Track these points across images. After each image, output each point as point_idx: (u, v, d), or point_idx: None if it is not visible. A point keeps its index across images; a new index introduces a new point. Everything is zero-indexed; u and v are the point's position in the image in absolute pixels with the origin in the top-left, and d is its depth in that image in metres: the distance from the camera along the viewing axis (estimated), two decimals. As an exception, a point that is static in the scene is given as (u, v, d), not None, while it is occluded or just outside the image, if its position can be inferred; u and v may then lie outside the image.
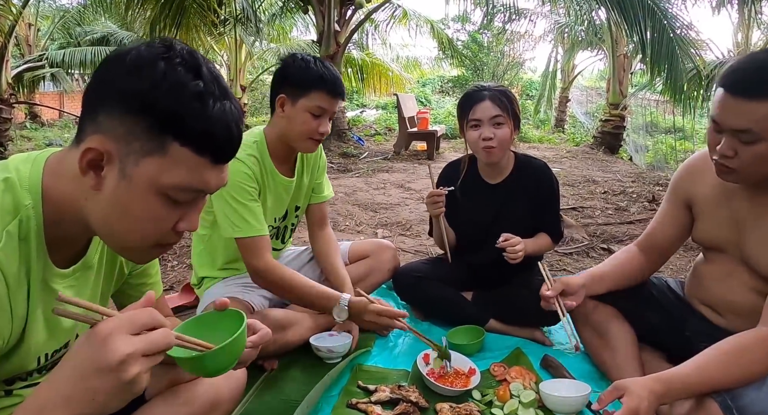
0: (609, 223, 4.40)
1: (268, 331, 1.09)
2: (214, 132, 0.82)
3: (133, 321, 0.71)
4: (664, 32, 6.47)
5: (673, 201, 1.77)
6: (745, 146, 1.32)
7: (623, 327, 1.85)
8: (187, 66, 0.81)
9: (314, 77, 1.85)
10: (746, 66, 1.32)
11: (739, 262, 1.57)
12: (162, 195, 0.83)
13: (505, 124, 2.11)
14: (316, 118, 1.88)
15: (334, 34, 8.14)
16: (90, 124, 0.82)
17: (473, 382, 1.80)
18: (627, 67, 10.69)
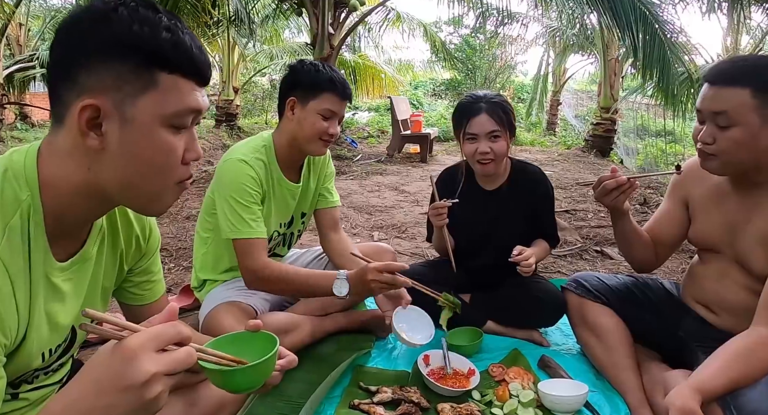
0: (601, 225, 4.45)
1: (295, 358, 1.10)
2: (193, 56, 0.87)
3: (160, 338, 0.69)
4: (656, 36, 6.54)
5: (672, 200, 1.82)
6: (722, 132, 1.43)
7: (619, 327, 1.89)
8: (145, 6, 0.85)
9: (324, 80, 1.90)
10: (725, 61, 1.49)
11: (733, 262, 1.61)
12: (167, 126, 0.87)
13: (502, 137, 2.12)
14: (326, 120, 1.92)
15: (327, 36, 8.16)
16: (71, 92, 0.83)
17: (473, 382, 1.83)
18: (618, 71, 10.77)
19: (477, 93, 2.22)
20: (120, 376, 0.66)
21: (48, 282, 0.93)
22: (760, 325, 1.37)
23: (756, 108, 1.38)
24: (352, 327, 2.23)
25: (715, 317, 1.70)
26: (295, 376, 1.90)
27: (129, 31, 0.82)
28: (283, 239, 2.18)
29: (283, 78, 2.02)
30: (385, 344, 2.20)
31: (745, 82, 1.38)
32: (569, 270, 3.33)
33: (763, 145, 1.41)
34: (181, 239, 3.80)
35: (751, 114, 1.38)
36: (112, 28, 0.82)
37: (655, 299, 1.90)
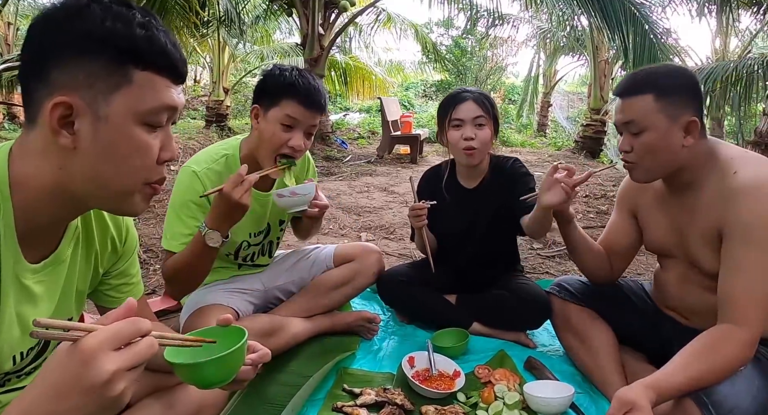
0: (590, 226, 4.45)
1: (268, 351, 1.09)
2: (168, 52, 0.86)
3: (117, 336, 0.66)
4: (646, 37, 6.58)
5: (620, 212, 1.86)
6: (635, 139, 1.51)
7: (603, 329, 1.89)
8: (118, 2, 0.84)
9: (285, 85, 1.74)
10: (630, 74, 1.58)
11: (688, 264, 1.63)
12: (141, 124, 0.85)
13: (487, 125, 2.13)
14: (288, 131, 1.75)
15: (318, 37, 8.14)
16: (42, 91, 0.82)
17: (458, 384, 1.81)
18: (608, 72, 10.83)
19: (464, 87, 2.26)
20: (79, 378, 0.64)
21: (19, 284, 0.90)
22: (723, 322, 1.39)
23: (660, 110, 1.46)
24: (336, 329, 2.21)
25: (686, 320, 1.72)
26: (278, 378, 1.88)
27: (101, 27, 0.81)
28: (261, 248, 2.12)
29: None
30: (371, 346, 2.18)
31: (647, 89, 1.47)
32: (558, 271, 3.32)
33: (676, 144, 1.47)
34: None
35: (656, 116, 1.46)
36: (84, 24, 0.81)
37: (637, 301, 1.90)
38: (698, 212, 1.53)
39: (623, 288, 1.94)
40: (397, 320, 2.42)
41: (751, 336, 1.35)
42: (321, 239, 3.94)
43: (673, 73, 1.51)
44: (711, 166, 1.50)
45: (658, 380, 1.32)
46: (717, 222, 1.46)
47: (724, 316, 1.40)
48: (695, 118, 1.45)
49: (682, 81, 1.49)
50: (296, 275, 2.25)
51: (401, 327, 2.36)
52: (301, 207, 1.80)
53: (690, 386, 1.33)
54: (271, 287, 2.20)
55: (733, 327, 1.36)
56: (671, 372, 1.34)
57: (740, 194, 1.39)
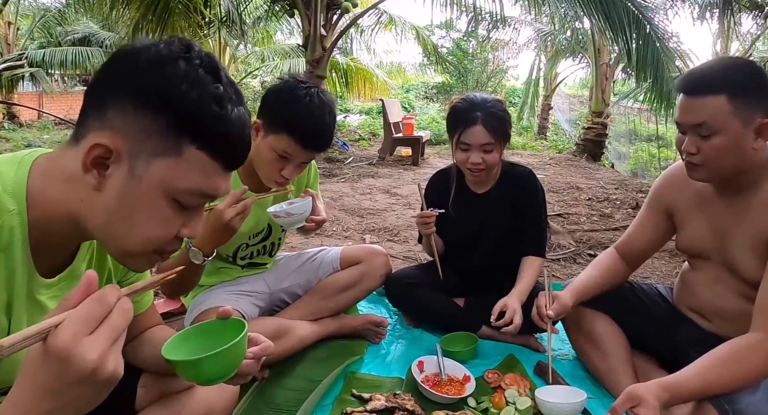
0: (594, 229, 4.43)
1: (270, 344, 1.06)
2: (231, 137, 0.81)
3: (88, 320, 0.62)
4: (649, 39, 6.57)
5: (654, 209, 1.80)
6: (704, 141, 1.41)
7: (615, 333, 1.87)
8: (207, 68, 0.79)
9: (286, 119, 1.66)
10: (697, 69, 1.47)
11: (724, 268, 1.59)
12: (171, 199, 0.81)
13: (495, 149, 2.07)
14: (281, 160, 1.71)
15: (319, 38, 8.10)
16: (96, 120, 0.78)
17: (468, 389, 1.79)
18: (609, 75, 10.82)
19: (474, 98, 2.12)
20: (66, 374, 0.61)
21: (31, 299, 0.88)
22: (756, 330, 1.37)
23: (734, 112, 1.36)
24: (343, 332, 2.19)
25: (708, 323, 1.69)
26: (286, 383, 1.86)
27: (175, 87, 0.76)
28: (263, 248, 2.10)
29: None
30: (378, 350, 2.15)
31: (719, 89, 1.37)
32: (563, 274, 3.30)
33: (747, 147, 1.40)
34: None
35: (730, 119, 1.37)
36: (160, 78, 0.76)
37: (650, 304, 1.88)
38: (748, 216, 1.49)
39: (636, 291, 1.91)
40: (404, 324, 2.40)
41: None
42: (325, 241, 3.92)
43: (744, 69, 1.40)
44: (767, 171, 1.46)
45: (674, 382, 1.32)
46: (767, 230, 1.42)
47: (758, 325, 1.36)
48: (767, 120, 1.38)
49: (757, 79, 1.38)
50: (302, 277, 2.23)
51: (409, 331, 2.34)
52: (297, 225, 1.82)
53: (707, 391, 1.32)
54: (276, 290, 2.18)
55: (764, 337, 1.33)
56: (690, 375, 1.33)
57: None
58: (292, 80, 1.75)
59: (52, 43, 14.11)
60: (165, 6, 6.74)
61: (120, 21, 8.33)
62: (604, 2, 6.46)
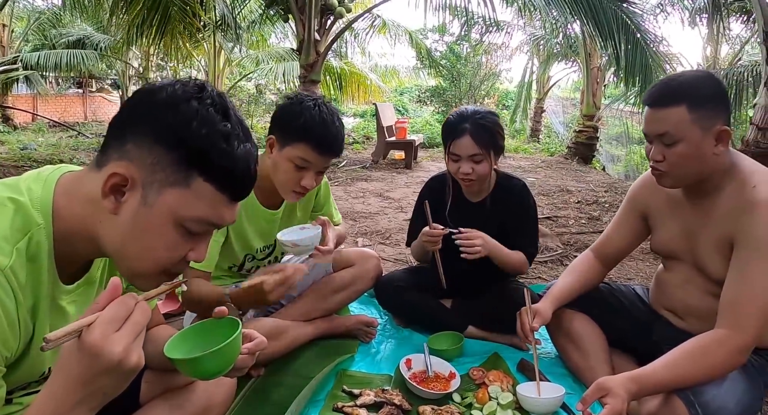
0: (582, 232, 4.53)
1: (263, 339, 1.14)
2: (237, 171, 0.89)
3: (115, 320, 0.75)
4: (638, 44, 6.67)
5: (630, 211, 1.90)
6: (668, 149, 1.52)
7: (595, 332, 1.96)
8: (217, 107, 0.87)
9: (301, 128, 1.75)
10: (659, 83, 1.57)
11: (694, 268, 1.68)
12: (179, 226, 0.88)
13: (485, 160, 2.12)
14: (300, 170, 1.79)
15: (314, 43, 8.18)
16: (116, 151, 0.87)
17: (453, 385, 1.88)
18: (600, 79, 10.94)
19: (465, 110, 2.19)
20: (94, 366, 0.74)
21: (54, 304, 0.95)
22: (721, 326, 1.46)
23: (694, 121, 1.46)
24: (336, 332, 2.26)
25: (682, 322, 1.78)
26: (280, 380, 1.94)
27: (186, 126, 0.84)
28: (268, 262, 2.17)
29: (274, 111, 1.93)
30: (369, 349, 2.24)
31: (680, 100, 1.47)
32: (550, 276, 3.39)
33: (708, 153, 1.50)
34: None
35: (691, 127, 1.47)
36: (174, 116, 0.85)
37: (628, 304, 1.97)
38: (713, 219, 1.58)
39: (615, 292, 2.01)
40: (394, 324, 2.48)
41: (746, 343, 1.42)
42: (318, 243, 3.99)
43: (703, 81, 1.51)
44: (731, 177, 1.55)
45: (642, 374, 1.42)
46: (731, 231, 1.51)
47: (723, 321, 1.46)
48: (726, 127, 1.48)
49: (714, 90, 1.49)
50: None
51: (398, 331, 2.42)
52: (304, 254, 1.90)
53: (674, 383, 1.41)
54: (271, 291, 2.24)
55: (729, 333, 1.43)
56: (657, 368, 1.42)
57: (758, 208, 1.44)
58: (299, 95, 1.85)
59: (46, 46, 14.11)
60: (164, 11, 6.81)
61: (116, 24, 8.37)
62: (593, 8, 6.56)
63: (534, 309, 1.88)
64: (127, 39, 7.67)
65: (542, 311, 1.88)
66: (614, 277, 3.35)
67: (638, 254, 3.79)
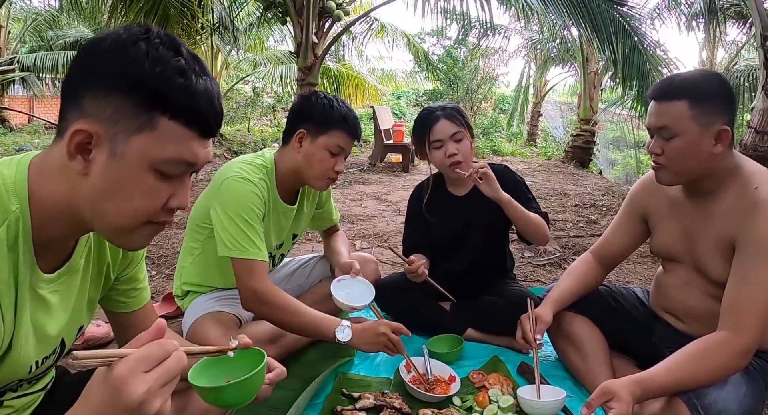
0: (580, 235, 4.53)
1: (283, 369, 1.15)
2: (201, 105, 0.85)
3: (147, 359, 0.72)
4: (635, 48, 6.69)
5: (630, 213, 1.91)
6: (667, 143, 1.54)
7: (595, 335, 1.96)
8: (167, 45, 0.84)
9: (338, 117, 1.90)
10: (667, 78, 1.61)
11: (694, 270, 1.68)
12: (153, 170, 0.85)
13: (464, 137, 2.21)
14: (333, 157, 1.92)
15: (311, 46, 8.18)
16: (73, 112, 0.83)
17: (453, 388, 1.87)
18: (597, 83, 10.98)
19: (430, 106, 2.32)
20: (116, 402, 0.70)
21: (34, 294, 0.92)
22: (723, 329, 1.45)
23: (694, 117, 1.48)
24: (335, 336, 2.25)
25: (682, 324, 1.78)
26: (279, 383, 1.91)
27: (139, 68, 0.81)
28: (273, 259, 2.18)
29: (293, 106, 2.01)
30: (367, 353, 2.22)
31: (682, 95, 1.49)
32: (548, 279, 3.38)
33: (706, 151, 1.51)
34: (163, 247, 3.79)
35: (689, 123, 1.49)
36: (124, 61, 0.81)
37: (628, 307, 1.96)
38: (714, 221, 1.58)
39: (615, 295, 2.00)
40: (393, 327, 2.47)
41: (747, 346, 1.41)
42: (317, 247, 3.99)
43: (709, 80, 1.54)
44: (733, 178, 1.55)
45: (646, 377, 1.41)
46: (732, 233, 1.51)
47: (725, 324, 1.46)
48: (726, 127, 1.48)
49: (718, 89, 1.51)
50: (295, 282, 2.30)
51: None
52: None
53: (677, 386, 1.41)
54: (269, 295, 2.23)
55: (731, 335, 1.42)
56: (660, 371, 1.42)
57: (759, 209, 1.44)
58: (318, 92, 1.99)
59: (43, 47, 14.07)
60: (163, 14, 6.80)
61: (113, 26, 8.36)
62: (591, 12, 6.58)
63: (535, 314, 1.87)
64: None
65: (543, 315, 1.87)
66: (613, 280, 3.35)
67: (636, 257, 3.79)
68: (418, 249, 2.37)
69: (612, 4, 6.75)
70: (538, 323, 1.86)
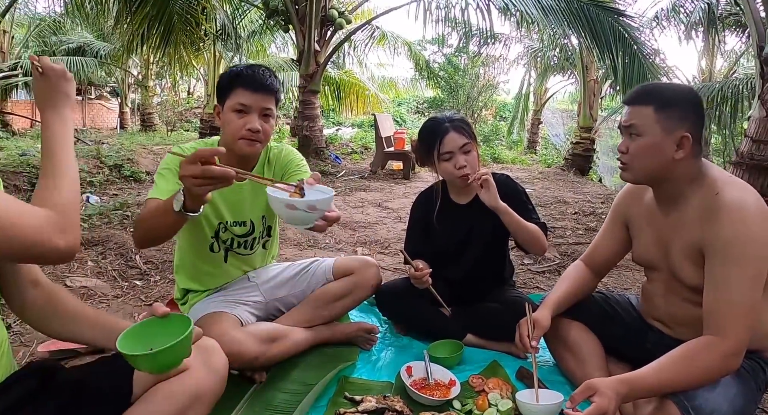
0: (579, 242, 4.57)
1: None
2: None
3: None
4: (635, 57, 6.77)
5: (614, 221, 1.97)
6: (633, 142, 1.63)
7: (591, 340, 2.00)
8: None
9: (232, 76, 1.92)
10: (639, 86, 1.71)
11: (671, 277, 1.73)
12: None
13: (473, 149, 2.25)
14: (242, 116, 1.89)
15: (314, 53, 8.28)
16: None
17: (454, 392, 1.90)
18: (597, 92, 11.05)
19: (437, 116, 2.33)
20: None
21: None
22: (708, 333, 1.51)
23: (658, 121, 1.58)
24: (336, 339, 2.29)
25: (670, 330, 1.83)
26: (282, 386, 1.97)
27: None
28: (245, 242, 2.17)
29: None
30: (369, 356, 2.27)
31: (650, 101, 1.60)
32: (548, 286, 3.42)
33: (668, 154, 1.59)
34: (166, 252, 3.82)
35: (654, 125, 1.58)
36: None
37: (623, 313, 2.00)
38: (682, 228, 1.64)
39: (610, 301, 2.05)
40: (393, 332, 2.51)
41: (734, 348, 1.45)
42: (318, 253, 4.03)
43: (677, 90, 1.64)
44: (698, 185, 1.61)
45: (632, 377, 1.47)
46: (698, 239, 1.57)
47: (709, 328, 1.51)
48: (688, 135, 1.56)
49: (684, 99, 1.60)
50: (297, 287, 2.32)
51: (398, 338, 2.45)
52: (308, 224, 1.46)
53: (664, 387, 1.47)
54: (271, 299, 2.26)
55: (716, 339, 1.47)
56: (647, 372, 1.48)
57: (720, 214, 1.50)
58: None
59: (47, 53, 14.16)
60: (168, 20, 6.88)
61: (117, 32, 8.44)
62: (591, 21, 6.66)
63: (533, 318, 1.91)
64: (129, 47, 7.72)
65: (541, 319, 1.91)
66: (611, 286, 3.39)
67: (634, 265, 3.82)
68: (419, 255, 2.41)
69: (612, 14, 6.84)
70: (536, 328, 1.90)
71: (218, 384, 1.42)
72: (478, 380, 2.02)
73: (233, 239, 2.14)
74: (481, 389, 1.97)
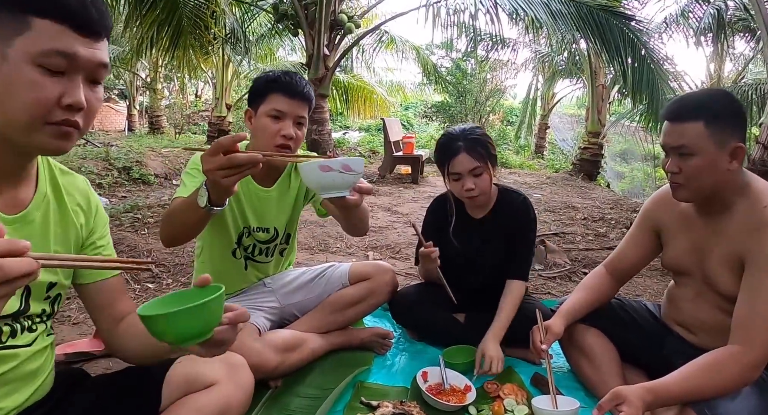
0: (589, 248, 4.57)
1: (244, 310, 1.05)
2: (67, 2, 0.93)
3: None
4: (644, 62, 6.76)
5: (643, 228, 1.95)
6: (685, 161, 1.58)
7: (607, 347, 2.00)
8: None
9: (269, 81, 1.91)
10: (679, 99, 1.64)
11: (704, 284, 1.73)
12: (36, 66, 0.92)
13: (484, 172, 2.18)
14: (277, 122, 1.89)
15: (323, 58, 8.30)
16: None
17: (469, 398, 1.91)
18: (605, 97, 11.04)
19: (453, 130, 2.26)
20: None
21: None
22: (734, 343, 1.51)
23: (710, 136, 1.53)
24: (351, 344, 2.31)
25: (693, 336, 1.82)
26: (299, 391, 1.98)
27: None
28: (267, 249, 2.18)
29: None
30: (384, 361, 2.28)
31: (697, 116, 1.54)
32: (559, 291, 3.43)
33: (722, 168, 1.56)
34: (179, 255, 3.85)
35: (706, 142, 1.54)
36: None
37: (640, 320, 2.01)
38: (724, 237, 1.63)
39: (626, 308, 2.05)
40: (408, 337, 2.52)
41: (757, 360, 1.47)
42: (329, 257, 4.05)
43: (721, 99, 1.58)
44: (744, 195, 1.60)
45: (658, 386, 1.47)
46: (741, 250, 1.56)
47: (736, 337, 1.51)
48: (741, 144, 1.54)
49: (730, 108, 1.56)
50: (312, 292, 2.32)
51: (412, 344, 2.46)
52: (342, 191, 1.43)
53: (688, 396, 1.47)
54: (287, 305, 2.27)
55: (742, 349, 1.48)
56: (673, 381, 1.48)
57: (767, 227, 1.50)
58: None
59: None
60: (177, 24, 6.93)
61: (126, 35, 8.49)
62: (600, 26, 6.66)
63: (546, 326, 1.92)
64: (138, 50, 7.77)
65: (554, 327, 1.92)
66: (623, 293, 3.38)
67: (646, 271, 3.83)
68: None
69: (621, 19, 6.83)
70: (547, 334, 1.90)
71: (245, 401, 1.42)
72: (493, 385, 2.03)
73: (255, 245, 2.14)
74: (496, 394, 1.97)
